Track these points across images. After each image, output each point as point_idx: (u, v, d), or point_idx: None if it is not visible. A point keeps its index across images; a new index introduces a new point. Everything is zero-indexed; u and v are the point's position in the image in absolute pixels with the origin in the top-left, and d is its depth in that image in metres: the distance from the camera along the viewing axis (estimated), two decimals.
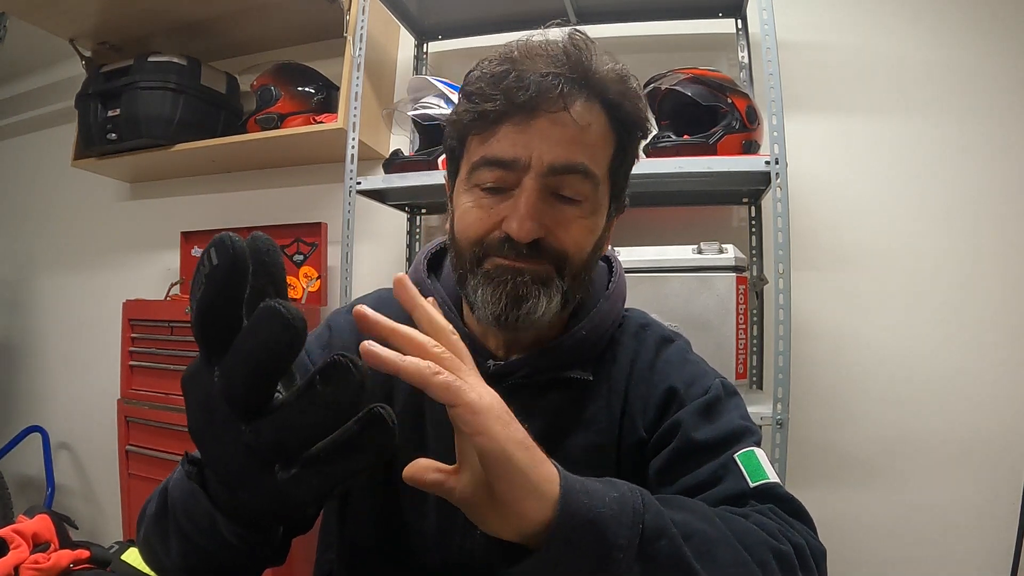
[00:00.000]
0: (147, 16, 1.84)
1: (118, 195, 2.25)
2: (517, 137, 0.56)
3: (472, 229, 0.59)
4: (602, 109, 0.58)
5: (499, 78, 0.56)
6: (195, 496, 0.39)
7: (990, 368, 1.42)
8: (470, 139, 0.60)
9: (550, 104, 0.55)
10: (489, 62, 0.59)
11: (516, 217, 0.55)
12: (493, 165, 0.57)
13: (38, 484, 2.15)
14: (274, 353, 0.30)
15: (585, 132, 0.57)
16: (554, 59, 0.56)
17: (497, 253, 0.58)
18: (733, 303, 1.22)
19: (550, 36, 0.59)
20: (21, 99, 2.48)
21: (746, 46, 1.57)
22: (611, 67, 0.58)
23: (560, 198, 0.58)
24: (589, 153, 0.57)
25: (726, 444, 0.57)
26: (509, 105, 0.56)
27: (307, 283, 1.79)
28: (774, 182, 1.21)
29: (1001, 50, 1.47)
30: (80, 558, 0.95)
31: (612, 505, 0.40)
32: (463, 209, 0.60)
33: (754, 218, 1.55)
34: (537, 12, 1.65)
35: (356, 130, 1.50)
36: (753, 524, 0.48)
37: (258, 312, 0.30)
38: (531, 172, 0.56)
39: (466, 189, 0.60)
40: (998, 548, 1.37)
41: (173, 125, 1.78)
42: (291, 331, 0.29)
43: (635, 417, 0.62)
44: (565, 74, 0.56)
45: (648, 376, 0.64)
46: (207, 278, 0.31)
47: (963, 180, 1.47)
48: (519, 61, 0.57)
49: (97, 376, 2.08)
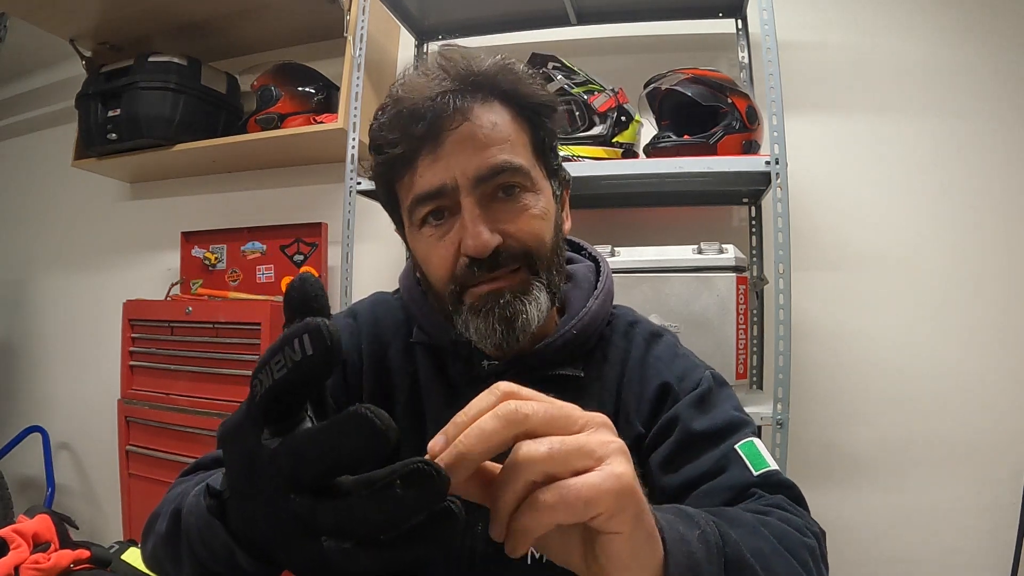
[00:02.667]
0: (147, 16, 1.84)
1: (118, 195, 2.24)
2: (434, 166, 0.57)
3: (439, 267, 0.60)
4: (501, 103, 0.60)
5: (394, 120, 0.58)
6: (213, 529, 0.38)
7: (990, 368, 1.42)
8: (396, 187, 0.62)
9: (449, 122, 0.57)
10: (382, 112, 0.61)
11: (468, 235, 0.56)
12: (425, 200, 0.58)
13: (38, 484, 2.15)
14: (357, 459, 0.28)
15: (493, 132, 0.58)
16: (435, 80, 0.58)
17: (470, 281, 0.59)
18: (733, 303, 1.22)
19: (420, 67, 0.61)
20: (21, 99, 2.48)
21: (746, 46, 1.57)
22: (492, 62, 0.59)
23: (499, 200, 0.59)
24: (506, 149, 0.59)
25: (725, 434, 0.58)
26: (412, 141, 0.57)
27: None
28: (774, 182, 1.21)
29: (1001, 50, 1.47)
30: (80, 558, 0.95)
31: (700, 545, 0.39)
32: (422, 252, 0.62)
33: (754, 218, 1.55)
34: (537, 12, 1.65)
35: (356, 130, 1.50)
36: (784, 524, 0.49)
37: (350, 416, 0.28)
38: (461, 191, 0.57)
39: (415, 233, 0.62)
40: (998, 548, 1.37)
41: (173, 125, 1.78)
42: (381, 440, 0.27)
43: (629, 413, 0.63)
44: (451, 89, 0.57)
45: (640, 372, 0.65)
46: (295, 365, 0.29)
47: (963, 180, 1.47)
48: (404, 98, 0.58)
49: (97, 376, 2.08)
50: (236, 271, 1.91)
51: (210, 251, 1.94)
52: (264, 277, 1.88)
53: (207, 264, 1.94)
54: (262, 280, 1.88)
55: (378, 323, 0.70)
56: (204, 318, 1.65)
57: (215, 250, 1.94)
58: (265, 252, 1.89)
